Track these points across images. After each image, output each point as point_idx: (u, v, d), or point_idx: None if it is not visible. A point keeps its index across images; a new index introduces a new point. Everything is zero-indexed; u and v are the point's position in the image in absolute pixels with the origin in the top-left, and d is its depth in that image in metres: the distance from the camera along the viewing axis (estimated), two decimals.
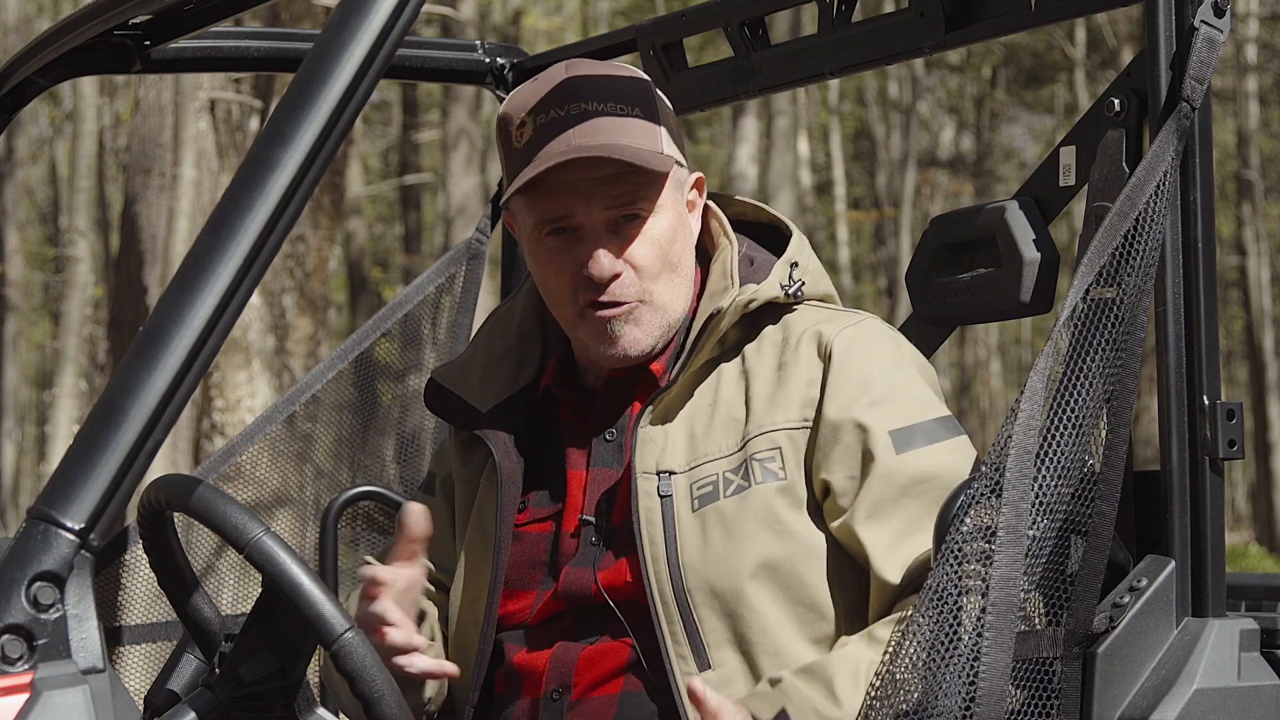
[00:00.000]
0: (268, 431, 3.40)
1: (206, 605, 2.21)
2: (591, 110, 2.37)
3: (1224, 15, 2.34)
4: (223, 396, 9.21)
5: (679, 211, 2.45)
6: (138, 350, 1.77)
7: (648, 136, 2.39)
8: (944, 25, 2.73)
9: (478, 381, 2.56)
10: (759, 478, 2.35)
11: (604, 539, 2.41)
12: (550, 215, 2.40)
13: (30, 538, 1.73)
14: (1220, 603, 2.30)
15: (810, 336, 2.41)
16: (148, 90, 10.01)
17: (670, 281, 2.43)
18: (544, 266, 2.44)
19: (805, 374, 2.39)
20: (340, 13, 1.86)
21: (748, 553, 2.32)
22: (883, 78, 28.43)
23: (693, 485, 2.37)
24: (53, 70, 2.92)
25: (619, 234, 2.40)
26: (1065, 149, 2.56)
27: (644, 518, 2.35)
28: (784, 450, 2.36)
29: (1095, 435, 2.20)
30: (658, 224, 2.41)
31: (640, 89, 2.43)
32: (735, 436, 2.38)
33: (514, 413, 2.53)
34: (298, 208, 1.83)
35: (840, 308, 2.52)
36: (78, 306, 17.47)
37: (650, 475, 2.37)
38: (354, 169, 23.33)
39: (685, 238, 2.46)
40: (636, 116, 2.39)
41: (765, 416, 2.38)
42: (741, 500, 2.34)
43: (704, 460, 2.38)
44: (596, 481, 2.44)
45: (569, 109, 2.37)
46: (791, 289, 2.44)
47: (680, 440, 2.39)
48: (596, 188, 2.37)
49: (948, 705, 2.00)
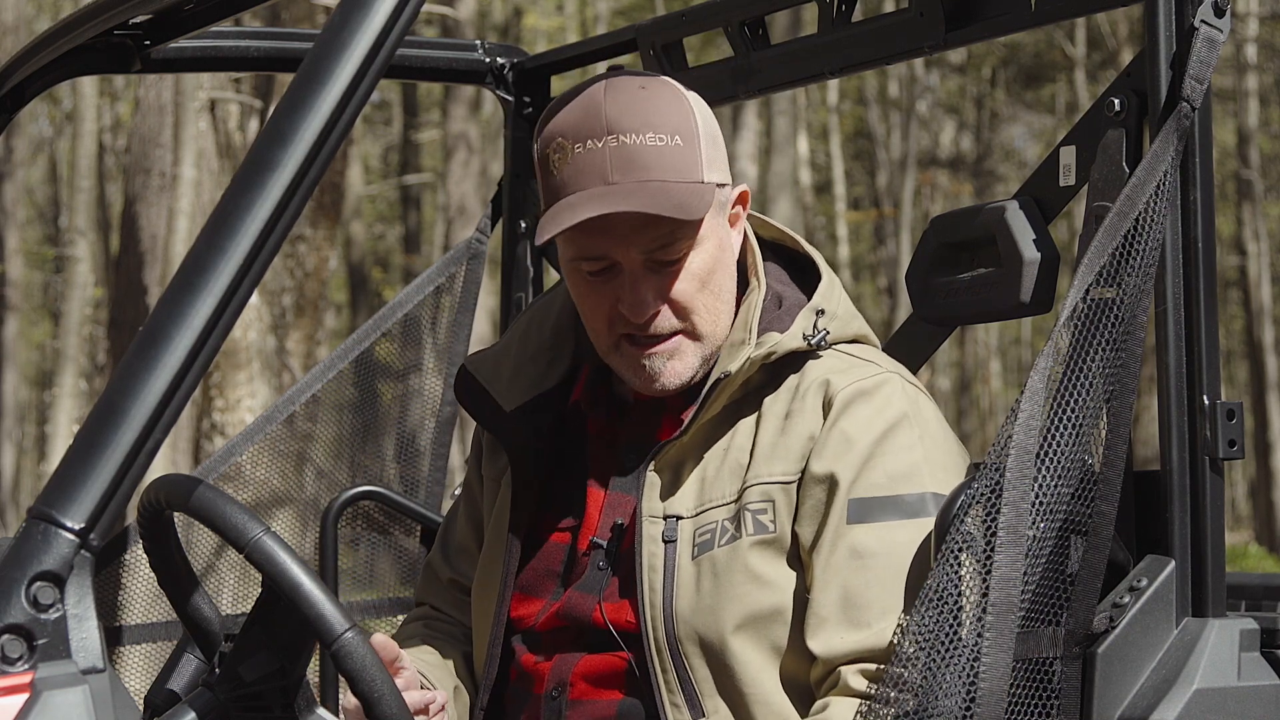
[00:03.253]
0: (268, 431, 3.41)
1: (206, 605, 2.21)
2: (629, 143, 2.31)
3: (1224, 15, 2.34)
4: (223, 396, 9.21)
5: (720, 236, 2.40)
6: (138, 350, 1.77)
7: (687, 166, 2.33)
8: (944, 25, 2.73)
9: (506, 379, 2.53)
10: (749, 529, 2.31)
11: (611, 566, 2.39)
12: (588, 254, 2.35)
13: (30, 538, 1.72)
14: (1220, 603, 2.30)
15: (819, 387, 2.36)
16: (148, 90, 10.01)
17: (712, 309, 2.39)
18: (581, 297, 2.40)
19: (807, 427, 2.34)
20: (340, 13, 1.86)
21: (733, 604, 2.29)
22: (883, 77, 28.43)
23: (696, 531, 2.34)
24: (53, 70, 2.92)
25: (657, 271, 2.35)
26: (1065, 149, 2.56)
27: (647, 562, 2.33)
28: (777, 503, 2.32)
29: (1095, 435, 2.20)
30: (698, 258, 2.36)
31: (680, 111, 2.36)
32: (736, 484, 2.35)
33: (538, 415, 2.50)
34: (298, 208, 1.82)
35: (865, 357, 2.42)
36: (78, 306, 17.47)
37: (657, 520, 2.35)
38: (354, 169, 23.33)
39: (726, 262, 2.41)
40: (676, 144, 2.33)
41: (763, 466, 2.34)
42: (732, 550, 2.31)
43: (709, 506, 2.35)
44: (612, 506, 2.43)
45: (606, 141, 2.31)
46: (815, 339, 2.38)
47: (691, 484, 2.36)
48: (633, 232, 2.32)
49: (948, 705, 2.00)
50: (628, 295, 2.35)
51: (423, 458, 3.55)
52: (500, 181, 3.60)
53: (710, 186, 2.36)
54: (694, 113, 2.38)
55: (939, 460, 2.34)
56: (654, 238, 2.33)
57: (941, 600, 2.01)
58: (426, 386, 3.58)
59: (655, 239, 2.33)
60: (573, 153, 2.33)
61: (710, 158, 2.37)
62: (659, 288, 2.36)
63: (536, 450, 2.49)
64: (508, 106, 3.54)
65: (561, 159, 2.34)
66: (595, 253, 2.35)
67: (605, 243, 2.33)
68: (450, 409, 3.56)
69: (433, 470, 3.54)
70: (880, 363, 2.42)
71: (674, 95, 2.38)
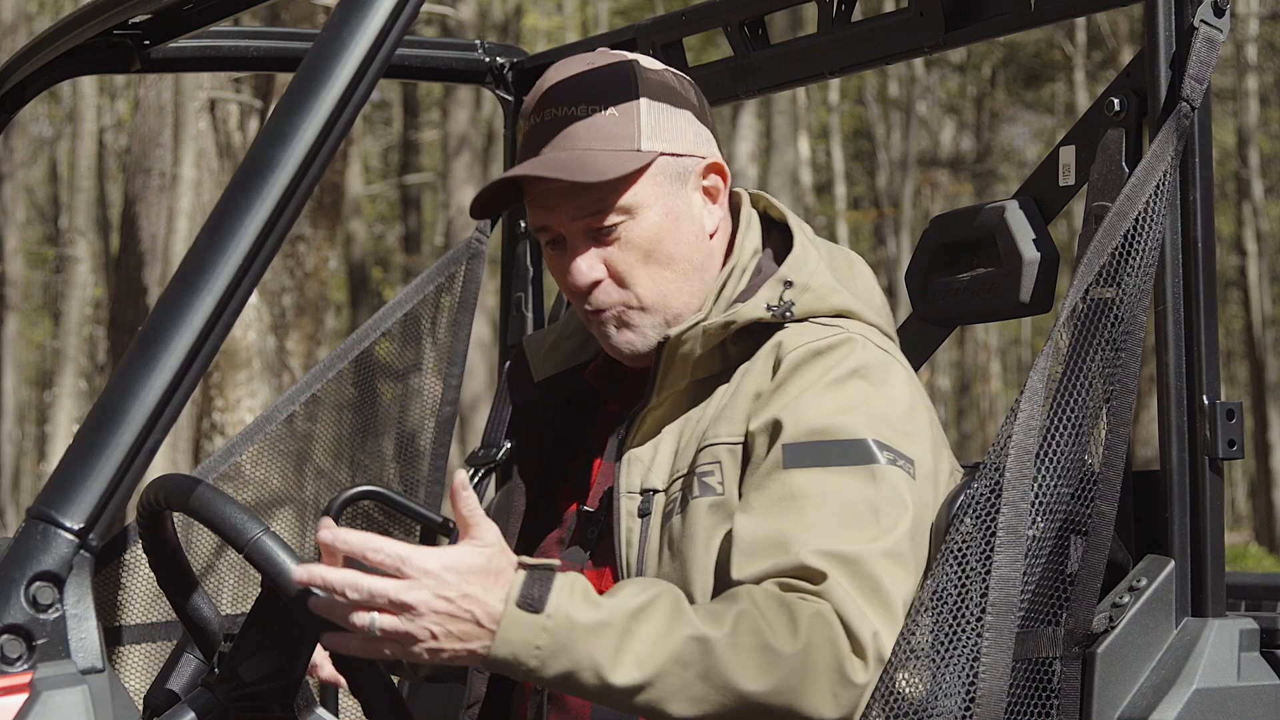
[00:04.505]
0: (268, 431, 3.40)
1: (206, 605, 2.21)
2: (562, 116, 2.34)
3: (1224, 15, 2.34)
4: (223, 396, 9.21)
5: (670, 206, 2.37)
6: (138, 350, 1.77)
7: (619, 134, 2.33)
8: (944, 25, 2.73)
9: (544, 352, 2.56)
10: (696, 492, 2.28)
11: (598, 536, 2.40)
12: (536, 225, 2.39)
13: (29, 538, 1.73)
14: (1220, 602, 2.30)
15: (772, 349, 2.32)
16: (148, 90, 10.01)
17: (660, 279, 2.36)
18: (550, 270, 2.45)
19: (754, 386, 2.31)
20: (340, 13, 1.86)
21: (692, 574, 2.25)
22: (883, 77, 28.43)
23: (666, 502, 2.32)
24: (53, 70, 2.92)
25: (598, 240, 2.36)
26: (1065, 149, 2.56)
27: (624, 538, 2.32)
28: (724, 464, 2.28)
29: (1095, 435, 2.20)
30: (638, 228, 2.35)
31: (620, 82, 2.36)
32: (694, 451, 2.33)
33: (560, 387, 2.52)
34: (297, 208, 1.83)
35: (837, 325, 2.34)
36: (78, 306, 17.47)
37: (634, 495, 2.34)
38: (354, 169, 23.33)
39: (683, 232, 2.38)
40: (609, 115, 2.34)
41: (711, 429, 2.31)
42: (686, 516, 2.28)
43: (676, 476, 2.33)
44: (605, 475, 2.43)
45: (544, 114, 2.35)
46: (779, 309, 2.33)
47: (665, 456, 2.35)
48: (560, 200, 2.34)
49: (948, 705, 2.00)
50: (568, 264, 2.37)
51: (423, 458, 3.55)
52: None
53: (649, 154, 2.34)
54: (638, 83, 2.37)
55: (891, 418, 2.24)
56: (580, 206, 2.34)
57: (941, 600, 2.01)
58: (426, 386, 3.58)
59: (581, 207, 2.34)
60: (525, 130, 2.38)
61: (656, 128, 2.36)
62: (596, 257, 2.36)
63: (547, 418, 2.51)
64: (507, 106, 3.54)
65: (520, 135, 2.40)
66: (539, 223, 2.38)
67: (542, 214, 2.37)
68: (450, 409, 3.56)
69: (433, 470, 3.54)
70: (849, 329, 2.34)
71: (619, 68, 2.38)
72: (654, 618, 2.01)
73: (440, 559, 1.93)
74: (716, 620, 2.03)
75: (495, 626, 1.95)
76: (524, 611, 1.95)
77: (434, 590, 1.92)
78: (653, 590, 2.04)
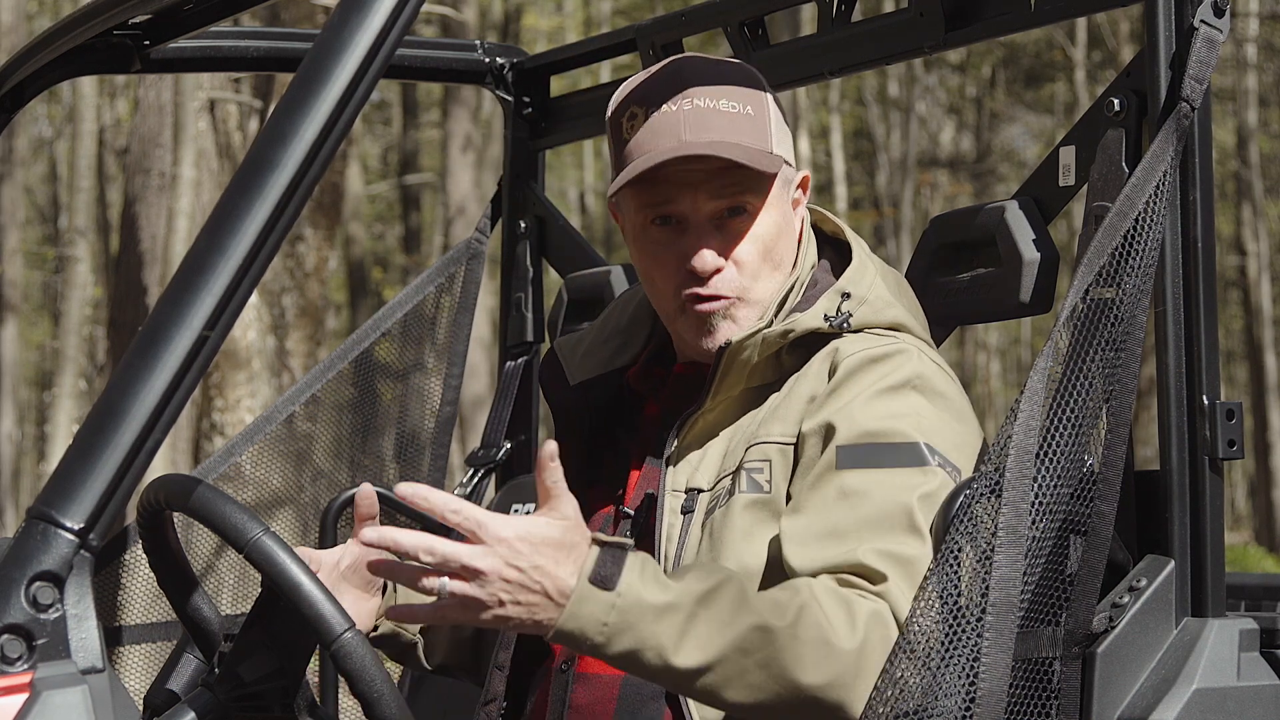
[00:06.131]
0: (267, 431, 3.41)
1: (206, 605, 2.21)
2: (704, 106, 2.37)
3: (1224, 15, 2.34)
4: (222, 396, 9.21)
5: (784, 210, 2.44)
6: (138, 350, 1.77)
7: (758, 135, 2.39)
8: (944, 25, 2.73)
9: (580, 355, 2.58)
10: (743, 487, 2.32)
11: (637, 537, 2.42)
12: (656, 202, 2.40)
13: (30, 538, 1.73)
14: (1220, 603, 2.30)
15: (828, 354, 2.37)
16: (147, 90, 10.01)
17: (770, 279, 2.42)
18: (648, 258, 2.44)
19: (809, 389, 2.36)
20: (340, 13, 1.86)
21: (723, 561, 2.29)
22: (882, 77, 28.43)
23: (709, 500, 2.37)
24: (53, 70, 2.92)
25: (723, 229, 2.39)
26: (1065, 149, 2.56)
27: (665, 533, 2.36)
28: (774, 463, 2.33)
29: (1095, 435, 2.20)
30: (764, 221, 2.41)
31: (752, 87, 2.43)
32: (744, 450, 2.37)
33: (598, 391, 2.55)
34: (297, 208, 1.83)
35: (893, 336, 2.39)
36: (78, 306, 17.46)
37: (679, 493, 2.38)
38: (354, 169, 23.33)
39: (789, 236, 2.45)
40: (747, 113, 2.39)
41: (763, 428, 2.36)
42: (726, 510, 2.33)
43: (723, 475, 2.37)
44: (646, 479, 2.45)
45: (681, 104, 2.37)
46: (837, 320, 2.39)
47: (713, 458, 2.39)
48: (704, 179, 2.37)
49: (948, 705, 2.00)
50: (694, 247, 2.38)
51: (423, 458, 3.55)
52: (500, 181, 3.60)
53: (778, 159, 2.41)
54: (766, 92, 2.45)
55: (938, 425, 2.30)
56: (724, 186, 2.37)
57: (941, 600, 2.01)
58: (426, 386, 3.58)
59: (725, 188, 2.37)
60: (646, 117, 2.39)
61: (780, 136, 2.44)
62: (724, 244, 2.40)
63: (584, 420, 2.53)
64: (507, 106, 3.54)
65: (634, 124, 2.40)
66: (663, 199, 2.39)
67: (674, 191, 2.38)
68: (450, 409, 3.57)
69: (433, 470, 3.55)
70: (905, 340, 2.39)
71: (748, 73, 2.45)
72: (719, 603, 2.03)
73: (516, 528, 1.94)
74: (779, 611, 2.06)
75: (564, 600, 1.96)
76: (595, 588, 1.97)
77: (506, 559, 1.93)
78: (719, 575, 2.06)
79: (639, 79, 2.45)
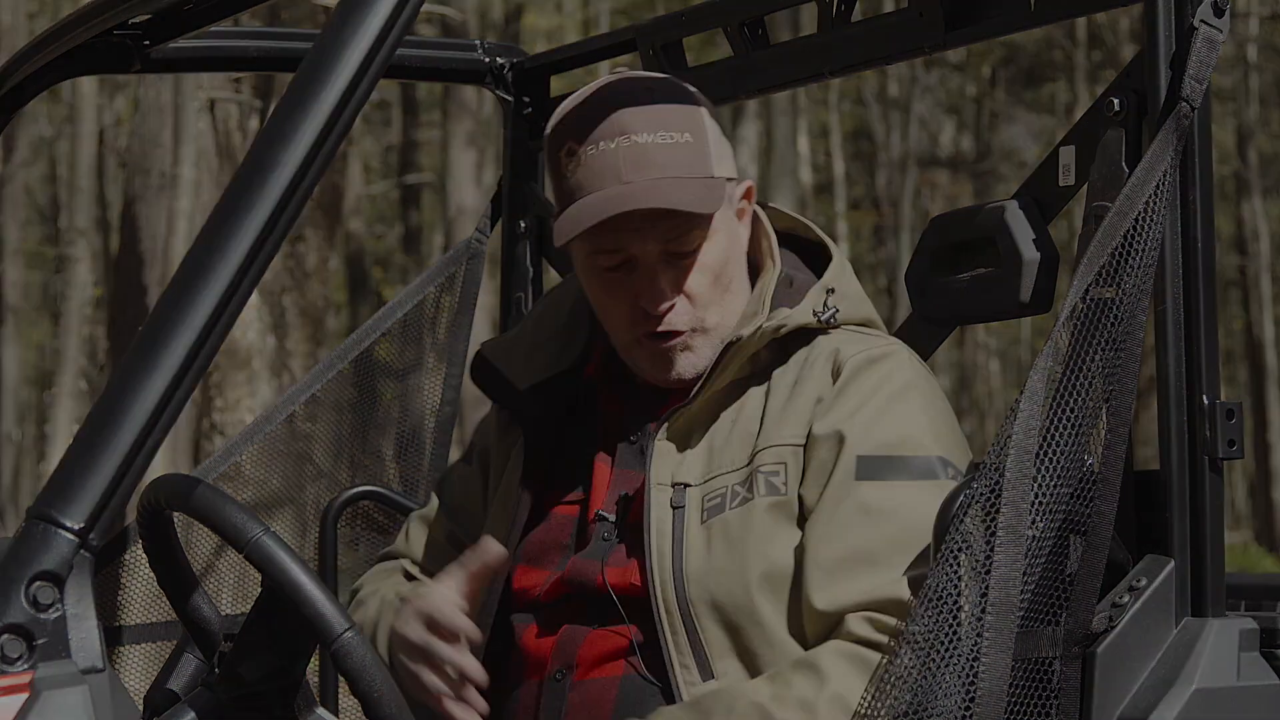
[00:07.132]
0: (267, 431, 3.41)
1: (206, 605, 2.21)
2: (641, 142, 2.37)
3: (1224, 15, 2.34)
4: (222, 396, 9.21)
5: (730, 229, 2.46)
6: (138, 350, 1.77)
7: (699, 161, 2.39)
8: (944, 25, 2.73)
9: (521, 359, 2.58)
10: (761, 490, 2.35)
11: (617, 536, 2.42)
12: (604, 249, 2.41)
13: (30, 537, 1.73)
14: (1220, 602, 2.30)
15: (828, 356, 2.41)
16: (148, 90, 10.01)
17: (723, 303, 2.44)
18: (599, 294, 2.46)
19: (815, 391, 2.39)
20: (340, 13, 1.86)
21: (751, 565, 2.32)
22: (883, 77, 28.42)
23: (704, 498, 2.38)
24: (53, 70, 2.92)
25: (671, 265, 2.41)
26: (1065, 149, 2.55)
27: (655, 527, 2.36)
28: (788, 465, 2.36)
29: (1094, 435, 2.20)
30: (710, 251, 2.42)
31: (687, 109, 2.42)
32: (747, 451, 2.39)
33: (552, 393, 2.55)
34: (297, 208, 1.83)
35: (876, 333, 2.49)
36: (78, 306, 17.46)
37: (665, 487, 2.39)
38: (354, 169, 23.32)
39: (737, 254, 2.47)
40: (686, 141, 2.39)
41: (774, 431, 2.38)
42: (745, 512, 2.34)
43: (717, 474, 2.39)
44: (620, 479, 2.46)
45: (619, 141, 2.37)
46: (825, 315, 2.43)
47: (699, 454, 2.41)
48: (649, 224, 2.38)
49: (947, 705, 2.00)
50: (645, 288, 2.40)
51: (423, 457, 3.55)
52: (500, 181, 3.60)
53: (721, 181, 2.42)
54: (701, 110, 2.44)
55: (944, 432, 2.38)
56: (669, 229, 2.38)
57: (941, 600, 2.01)
58: (426, 386, 3.58)
59: (670, 230, 2.38)
60: (585, 155, 2.38)
61: (719, 153, 2.44)
62: (674, 280, 2.41)
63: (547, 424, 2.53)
64: (507, 106, 3.53)
65: (574, 162, 2.39)
66: (612, 247, 2.39)
67: (622, 238, 2.38)
68: (450, 409, 3.57)
69: (432, 470, 3.54)
70: (891, 339, 2.47)
71: (682, 94, 2.44)
72: None
73: None
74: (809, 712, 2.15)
75: None
76: None
77: None
78: None
79: (572, 105, 2.43)
